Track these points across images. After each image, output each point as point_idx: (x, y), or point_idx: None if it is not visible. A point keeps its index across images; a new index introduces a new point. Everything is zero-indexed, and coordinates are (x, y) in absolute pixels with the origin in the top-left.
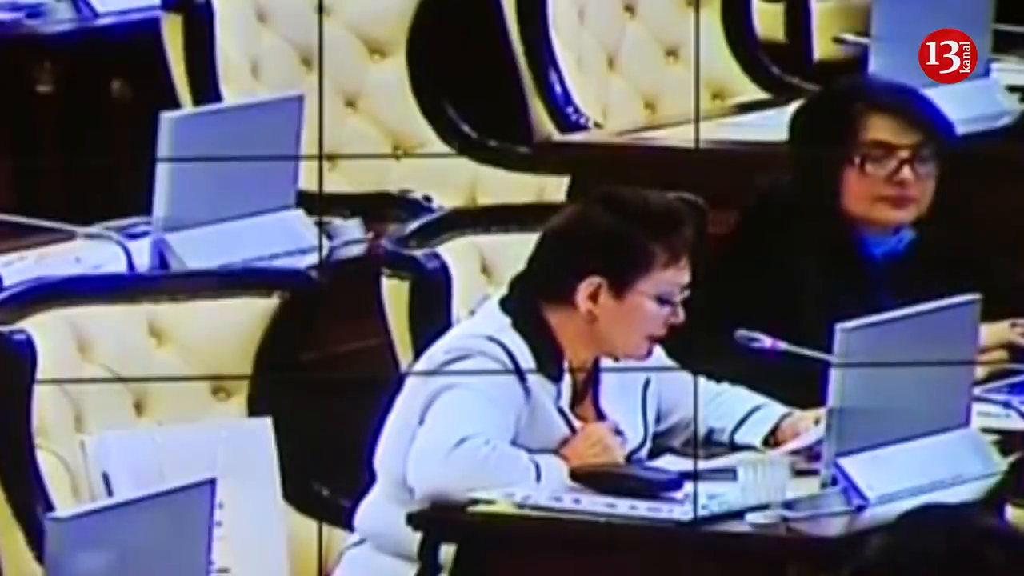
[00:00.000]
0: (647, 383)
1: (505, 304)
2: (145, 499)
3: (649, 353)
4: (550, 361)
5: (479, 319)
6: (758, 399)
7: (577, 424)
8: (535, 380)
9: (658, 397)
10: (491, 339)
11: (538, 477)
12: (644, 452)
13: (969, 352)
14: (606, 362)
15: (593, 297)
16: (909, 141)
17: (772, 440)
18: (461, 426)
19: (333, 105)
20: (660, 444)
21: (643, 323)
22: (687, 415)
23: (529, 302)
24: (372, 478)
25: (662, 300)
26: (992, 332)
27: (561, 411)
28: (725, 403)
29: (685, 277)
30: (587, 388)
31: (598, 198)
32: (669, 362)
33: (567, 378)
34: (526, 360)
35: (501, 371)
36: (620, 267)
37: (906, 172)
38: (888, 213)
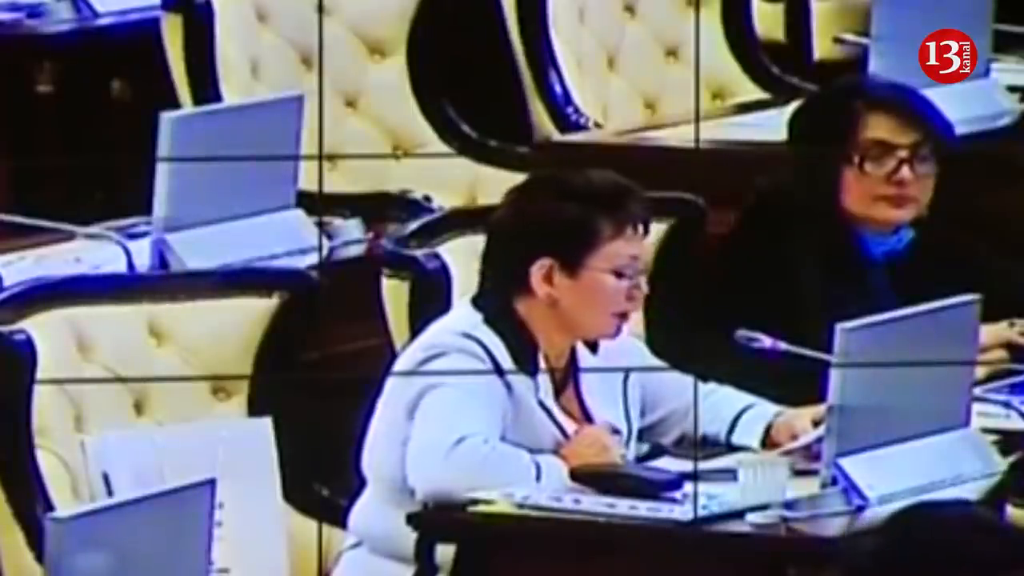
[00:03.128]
0: (627, 376)
1: (477, 301)
2: (145, 499)
3: (618, 331)
4: (524, 355)
5: (453, 316)
6: (746, 399)
7: (560, 417)
8: (513, 376)
9: (640, 390)
10: (467, 335)
11: (538, 476)
12: (631, 445)
13: (969, 352)
14: (588, 361)
15: (548, 279)
16: (908, 140)
17: (767, 440)
18: (457, 425)
19: (333, 105)
20: (651, 441)
21: (603, 299)
22: (672, 411)
23: (499, 296)
24: (363, 481)
25: (618, 274)
26: (992, 332)
27: (542, 405)
28: (715, 406)
29: (638, 249)
30: (567, 381)
31: (536, 183)
32: (651, 359)
33: (544, 372)
34: (502, 356)
35: (480, 371)
36: (566, 245)
37: (905, 171)
38: (888, 212)
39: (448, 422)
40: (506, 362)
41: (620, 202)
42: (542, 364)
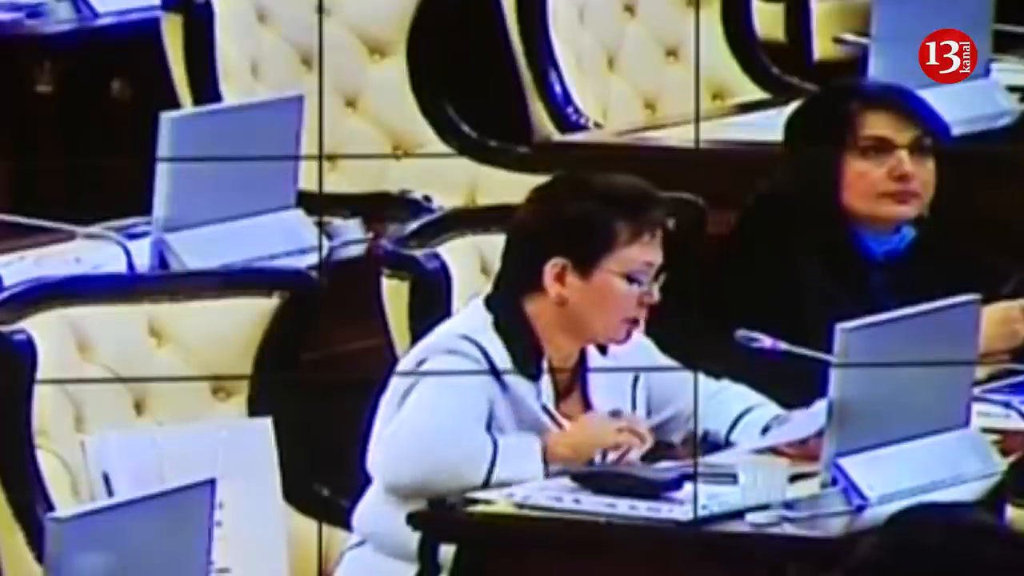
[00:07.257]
0: (636, 378)
1: (489, 301)
2: (145, 499)
3: (628, 337)
4: (527, 358)
5: (462, 317)
6: (753, 399)
7: (564, 422)
8: (513, 378)
9: (648, 391)
10: (466, 338)
11: (494, 456)
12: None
13: (969, 352)
14: (597, 362)
15: (560, 279)
16: (907, 136)
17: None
18: (429, 418)
19: (333, 105)
20: (658, 440)
21: (614, 303)
22: (680, 410)
23: (508, 297)
24: (368, 479)
25: (631, 279)
26: (999, 311)
27: (545, 409)
28: (721, 403)
29: (653, 255)
30: (573, 385)
31: (557, 183)
32: (661, 358)
33: (547, 376)
34: (501, 358)
35: (475, 371)
36: (582, 245)
37: (907, 166)
38: (892, 209)
39: (419, 414)
40: (504, 365)
41: (641, 207)
42: (545, 367)
